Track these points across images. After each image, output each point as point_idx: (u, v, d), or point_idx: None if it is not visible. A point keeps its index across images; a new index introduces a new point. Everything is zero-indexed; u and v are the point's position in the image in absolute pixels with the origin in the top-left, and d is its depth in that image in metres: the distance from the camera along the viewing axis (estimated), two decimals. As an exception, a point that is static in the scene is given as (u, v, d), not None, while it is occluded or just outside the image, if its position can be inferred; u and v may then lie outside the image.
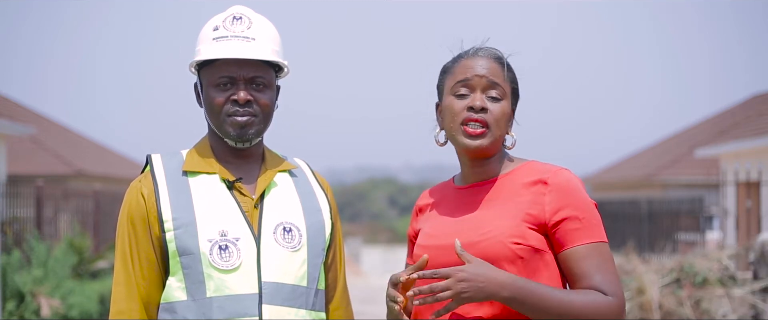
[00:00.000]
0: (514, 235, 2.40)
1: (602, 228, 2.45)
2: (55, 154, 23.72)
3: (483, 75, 2.49)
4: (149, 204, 2.65)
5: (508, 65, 2.53)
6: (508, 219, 2.42)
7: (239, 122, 2.66)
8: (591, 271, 2.39)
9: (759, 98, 25.81)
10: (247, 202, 2.68)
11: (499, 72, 2.50)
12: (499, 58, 2.52)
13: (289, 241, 2.66)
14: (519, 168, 2.53)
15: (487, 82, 2.49)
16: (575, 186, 2.46)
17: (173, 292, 2.62)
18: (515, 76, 2.55)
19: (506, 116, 2.50)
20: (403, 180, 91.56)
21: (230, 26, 2.70)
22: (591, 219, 2.43)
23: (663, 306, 11.20)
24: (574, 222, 2.42)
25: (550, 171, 2.47)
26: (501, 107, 2.49)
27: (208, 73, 2.70)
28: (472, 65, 2.50)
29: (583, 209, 2.43)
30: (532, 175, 2.48)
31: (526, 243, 2.40)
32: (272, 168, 2.75)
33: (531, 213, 2.42)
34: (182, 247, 2.61)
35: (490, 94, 2.49)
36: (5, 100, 23.79)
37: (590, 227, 2.42)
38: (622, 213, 18.39)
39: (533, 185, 2.46)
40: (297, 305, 2.64)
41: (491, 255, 2.38)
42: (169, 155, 2.75)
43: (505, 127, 2.50)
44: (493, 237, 2.40)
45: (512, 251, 2.39)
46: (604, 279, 2.39)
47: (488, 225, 2.43)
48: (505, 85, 2.50)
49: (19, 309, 11.95)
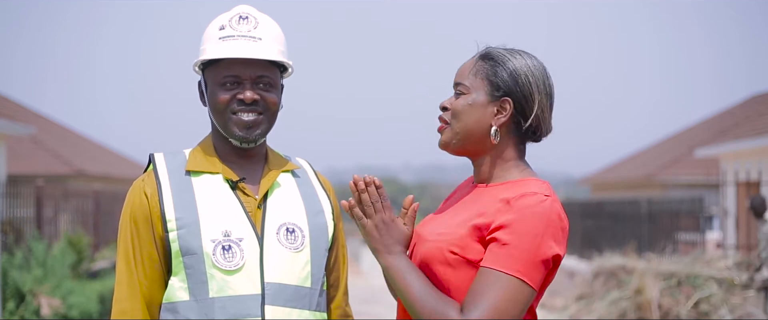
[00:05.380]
0: (455, 244, 2.38)
1: (526, 266, 2.29)
2: (55, 154, 23.71)
3: (454, 79, 2.53)
4: (152, 204, 2.64)
5: (490, 58, 2.48)
6: (459, 227, 2.41)
7: (245, 122, 2.66)
8: (471, 290, 2.31)
9: (759, 98, 25.82)
10: (250, 202, 2.67)
11: (466, 69, 2.50)
12: (480, 56, 2.51)
13: (292, 242, 2.66)
14: (510, 182, 2.45)
15: (454, 84, 2.52)
16: (530, 214, 2.33)
17: (175, 292, 2.61)
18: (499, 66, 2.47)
19: (466, 108, 2.46)
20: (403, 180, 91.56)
21: (237, 25, 2.69)
22: (516, 250, 2.30)
23: (662, 306, 11.20)
24: (499, 244, 2.32)
25: (523, 194, 2.36)
26: (460, 101, 2.47)
27: (213, 72, 2.69)
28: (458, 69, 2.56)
29: (518, 237, 2.31)
30: (510, 192, 2.39)
31: (462, 254, 2.37)
32: (275, 169, 2.74)
33: (479, 225, 2.38)
34: (185, 247, 2.60)
35: (455, 91, 2.50)
36: (5, 100, 23.78)
37: (509, 257, 2.30)
38: (622, 213, 18.39)
39: (502, 201, 2.38)
40: (300, 306, 2.64)
41: (427, 256, 2.42)
42: (172, 154, 2.74)
43: (468, 119, 2.46)
44: (436, 241, 2.42)
45: (445, 258, 2.38)
46: (473, 299, 2.28)
47: (443, 228, 2.44)
48: (471, 80, 2.47)
49: (20, 308, 11.95)
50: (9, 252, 12.63)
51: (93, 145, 28.89)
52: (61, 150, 24.23)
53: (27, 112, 25.22)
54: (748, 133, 19.85)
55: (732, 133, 22.23)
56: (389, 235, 2.46)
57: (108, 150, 29.89)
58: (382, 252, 2.45)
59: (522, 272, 2.29)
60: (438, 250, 2.40)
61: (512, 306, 2.28)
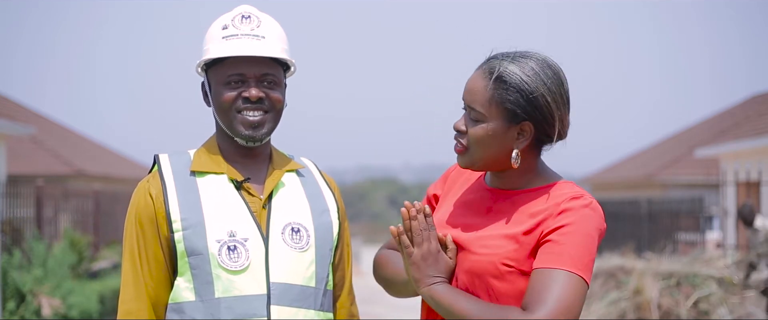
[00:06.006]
0: (508, 258, 2.37)
1: (581, 264, 2.31)
2: (55, 154, 23.72)
3: (464, 97, 2.44)
4: (157, 205, 2.64)
5: (503, 82, 2.37)
6: (508, 238, 2.39)
7: (251, 121, 2.66)
8: (531, 289, 2.30)
9: (759, 98, 25.84)
10: (255, 202, 2.68)
11: (479, 93, 2.39)
12: (489, 74, 2.40)
13: (297, 242, 2.66)
14: (543, 187, 2.44)
15: (466, 104, 2.43)
16: (582, 215, 2.36)
17: (181, 293, 2.62)
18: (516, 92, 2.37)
19: (486, 138, 2.39)
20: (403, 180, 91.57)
21: (240, 25, 2.69)
22: (571, 249, 2.32)
23: (662, 306, 11.20)
24: (556, 247, 2.33)
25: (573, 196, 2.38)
26: (478, 130, 2.39)
27: (217, 71, 2.69)
28: (467, 84, 2.44)
29: (573, 237, 2.33)
30: (555, 198, 2.39)
31: (518, 267, 2.36)
32: (280, 168, 2.74)
33: (530, 233, 2.37)
34: (191, 248, 2.60)
35: (470, 115, 2.42)
36: (5, 100, 23.79)
37: (566, 256, 2.31)
38: (622, 213, 18.39)
39: (550, 206, 2.38)
40: (305, 305, 2.64)
41: (479, 270, 2.39)
42: (177, 155, 2.74)
43: (490, 147, 2.40)
44: (487, 254, 2.39)
45: (498, 271, 2.37)
46: (537, 298, 2.27)
47: (488, 240, 2.40)
48: (487, 107, 2.38)
49: (20, 308, 11.96)
50: (8, 253, 12.64)
51: (93, 145, 28.89)
52: (61, 150, 24.23)
53: (27, 112, 25.22)
54: (748, 133, 19.86)
55: (732, 133, 22.24)
56: (435, 267, 2.39)
57: (108, 150, 29.88)
58: (425, 283, 2.38)
59: (580, 269, 2.31)
60: (490, 264, 2.37)
61: (575, 303, 2.28)
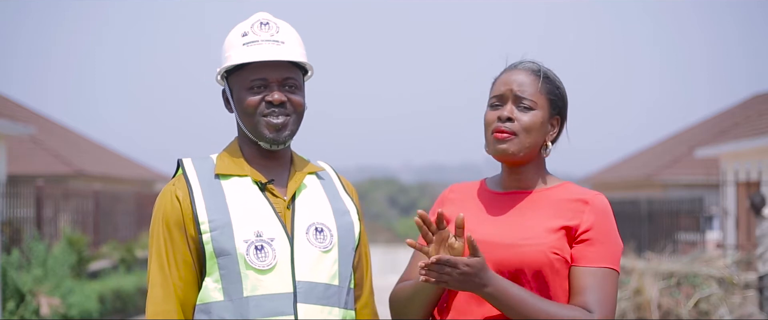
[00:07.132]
0: (554, 246, 2.57)
1: (618, 258, 2.60)
2: (55, 154, 23.72)
3: (512, 88, 2.65)
4: (185, 207, 2.69)
5: (548, 78, 2.67)
6: (549, 230, 2.59)
7: (275, 124, 2.72)
8: (588, 289, 2.55)
9: (759, 98, 25.85)
10: (279, 203, 2.74)
11: (530, 85, 2.65)
12: (534, 71, 2.68)
13: (321, 241, 2.72)
14: (557, 186, 2.68)
15: (516, 95, 2.64)
16: (608, 213, 2.64)
17: (210, 293, 2.67)
18: (556, 87, 2.69)
19: (536, 124, 2.63)
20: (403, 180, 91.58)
21: (259, 31, 2.76)
22: (610, 247, 2.60)
23: (662, 306, 11.20)
24: (596, 245, 2.59)
25: (592, 193, 2.65)
26: (530, 116, 2.63)
27: (239, 77, 2.75)
28: (506, 80, 2.67)
29: (608, 235, 2.61)
30: (571, 194, 2.65)
31: (563, 255, 2.58)
32: (301, 171, 2.81)
33: (569, 226, 2.59)
34: (219, 248, 2.65)
35: (521, 105, 2.64)
36: (5, 100, 23.79)
37: (607, 254, 2.59)
38: (622, 213, 18.39)
39: (574, 202, 2.63)
40: (330, 304, 2.70)
41: (532, 260, 2.57)
42: (200, 159, 2.80)
43: (537, 135, 2.64)
44: (535, 244, 2.57)
45: (550, 260, 2.57)
46: (596, 298, 2.54)
47: (529, 232, 2.59)
48: (537, 96, 2.64)
49: (19, 308, 11.97)
50: (8, 253, 12.64)
51: (93, 145, 28.89)
52: (61, 150, 24.23)
53: (27, 112, 25.22)
54: (748, 133, 19.87)
55: (732, 133, 22.25)
56: (475, 274, 2.48)
57: (108, 150, 29.88)
58: (480, 288, 2.50)
59: (617, 264, 2.61)
60: (541, 253, 2.57)
61: (616, 296, 2.57)
